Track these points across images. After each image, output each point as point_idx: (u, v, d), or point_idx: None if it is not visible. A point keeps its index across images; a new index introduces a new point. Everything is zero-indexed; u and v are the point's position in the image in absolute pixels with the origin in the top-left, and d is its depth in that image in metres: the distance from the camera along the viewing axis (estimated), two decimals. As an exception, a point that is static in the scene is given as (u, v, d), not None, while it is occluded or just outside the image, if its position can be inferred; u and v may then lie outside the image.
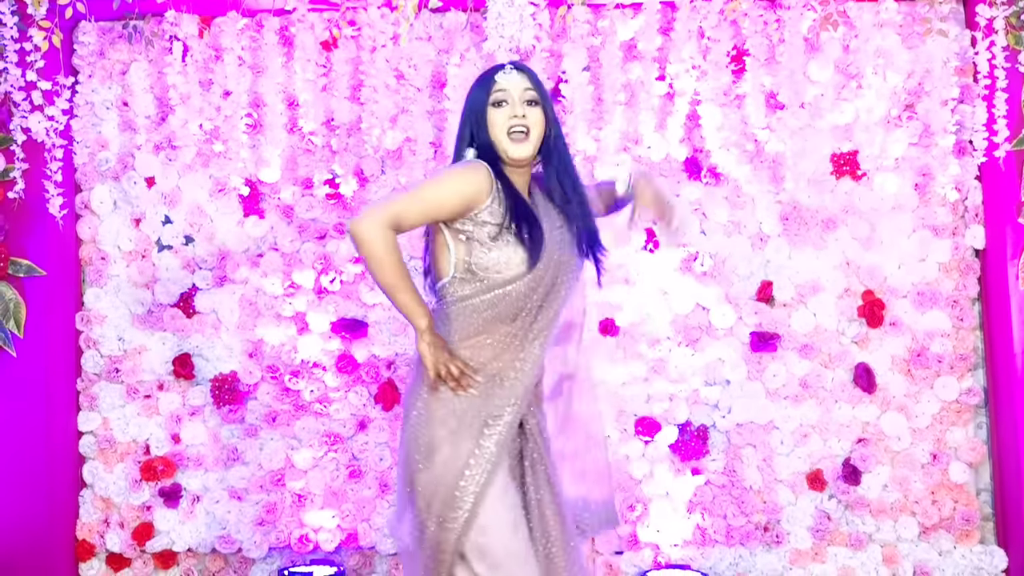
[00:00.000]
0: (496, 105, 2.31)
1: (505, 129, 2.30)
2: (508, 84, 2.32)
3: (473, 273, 2.29)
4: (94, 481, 3.96)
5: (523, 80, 2.32)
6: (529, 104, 2.32)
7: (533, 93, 2.32)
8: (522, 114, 2.30)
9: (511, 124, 2.29)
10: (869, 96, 3.78)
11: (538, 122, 2.33)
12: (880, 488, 3.88)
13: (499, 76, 2.32)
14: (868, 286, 3.88)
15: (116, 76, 3.94)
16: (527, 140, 2.31)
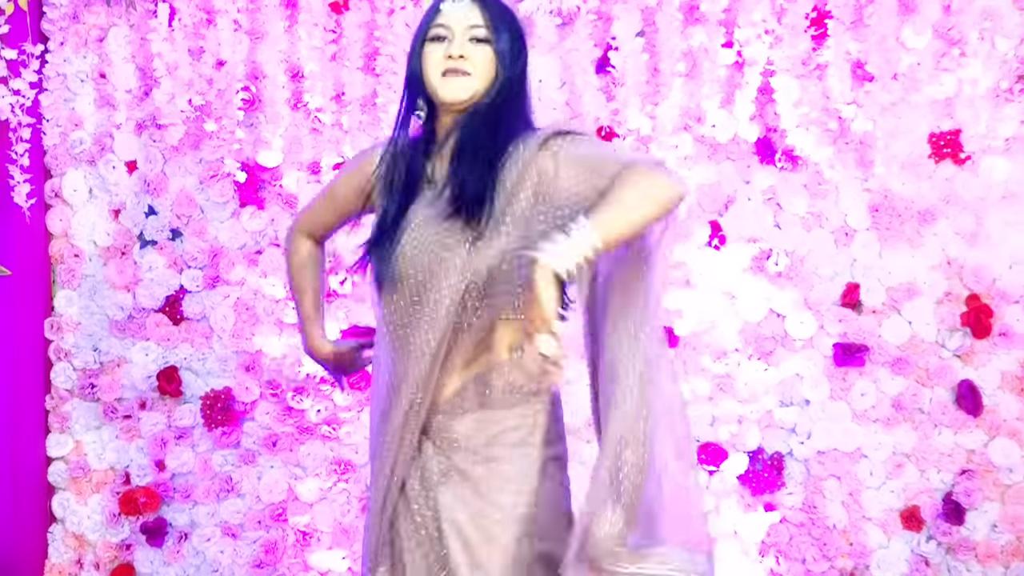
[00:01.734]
0: (433, 40, 2.05)
1: (440, 68, 2.03)
2: (452, 16, 2.05)
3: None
4: (65, 515, 3.79)
5: (473, 11, 2.04)
6: (475, 41, 2.04)
7: (483, 30, 2.04)
8: (459, 53, 2.01)
9: (446, 65, 2.03)
10: (974, 65, 3.53)
11: (484, 62, 2.03)
12: (988, 528, 3.62)
13: (444, 5, 2.06)
14: (973, 289, 3.62)
15: (92, 44, 3.74)
16: (465, 79, 2.02)
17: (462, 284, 1.96)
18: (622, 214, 1.84)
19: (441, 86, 2.02)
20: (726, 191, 3.62)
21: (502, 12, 2.08)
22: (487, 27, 2.04)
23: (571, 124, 2.04)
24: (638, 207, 1.84)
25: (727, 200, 3.62)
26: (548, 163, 1.96)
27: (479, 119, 2.02)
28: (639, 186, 1.86)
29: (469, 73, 2.01)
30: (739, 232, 3.62)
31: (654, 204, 1.85)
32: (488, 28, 2.04)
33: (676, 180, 1.90)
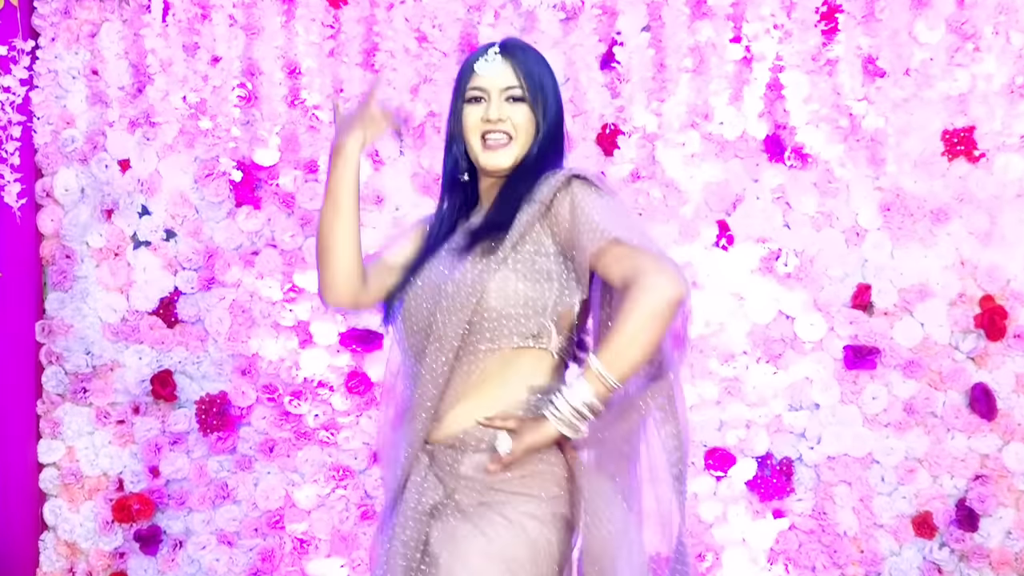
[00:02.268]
0: (471, 101, 2.05)
1: (479, 132, 2.04)
2: (486, 77, 2.04)
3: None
4: (57, 523, 3.77)
5: (506, 71, 2.03)
6: (511, 101, 2.03)
7: (518, 90, 2.03)
8: (497, 116, 2.01)
9: (485, 128, 2.03)
10: (988, 60, 3.52)
11: (522, 122, 2.03)
12: (1003, 535, 3.60)
13: (478, 66, 2.06)
14: (987, 290, 3.59)
15: (84, 39, 3.74)
16: (506, 148, 2.03)
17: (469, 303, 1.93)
18: (630, 344, 1.81)
19: (483, 155, 2.02)
20: (734, 190, 3.59)
21: (535, 66, 2.06)
22: (522, 86, 2.03)
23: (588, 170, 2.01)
24: (644, 330, 1.81)
25: (735, 199, 3.60)
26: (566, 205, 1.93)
27: (521, 173, 2.02)
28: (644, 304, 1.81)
29: (510, 136, 2.01)
30: (747, 232, 3.59)
31: (660, 321, 1.81)
32: (523, 88, 2.03)
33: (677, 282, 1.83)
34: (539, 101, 2.03)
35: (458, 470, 1.97)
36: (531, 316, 1.95)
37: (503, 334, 1.95)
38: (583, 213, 1.91)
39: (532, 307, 1.95)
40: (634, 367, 1.85)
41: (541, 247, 1.96)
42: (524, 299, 1.94)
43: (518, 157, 2.03)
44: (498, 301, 1.94)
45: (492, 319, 1.95)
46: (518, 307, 1.95)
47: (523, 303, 1.94)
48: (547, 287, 1.96)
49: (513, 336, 1.95)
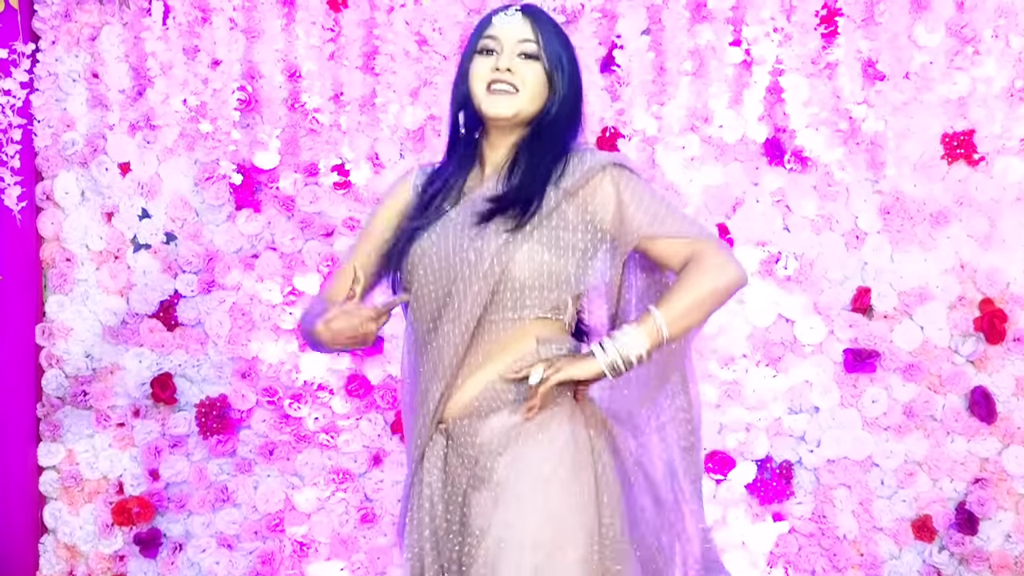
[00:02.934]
0: (483, 53, 2.03)
1: (485, 81, 2.01)
2: (503, 29, 2.03)
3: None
4: (57, 526, 3.75)
5: (524, 27, 2.03)
6: (524, 57, 2.01)
7: (533, 45, 2.02)
8: (507, 66, 1.99)
9: (492, 76, 2.01)
10: (988, 64, 3.50)
11: (533, 79, 2.01)
12: (1002, 538, 3.59)
13: (496, 18, 2.05)
14: (987, 293, 3.57)
15: (84, 42, 3.73)
16: (511, 96, 2.00)
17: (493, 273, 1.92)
18: (692, 309, 1.89)
19: (485, 100, 2.00)
20: (734, 193, 3.58)
21: (555, 30, 2.05)
22: (538, 43, 2.01)
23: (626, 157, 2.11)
24: (707, 301, 1.90)
25: (735, 202, 3.59)
26: (609, 187, 1.96)
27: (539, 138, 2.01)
28: (711, 278, 1.90)
29: (517, 89, 1.99)
30: (747, 235, 3.58)
31: (721, 297, 1.91)
32: (539, 44, 2.01)
33: (740, 270, 1.93)
34: (555, 64, 2.02)
35: (475, 441, 1.96)
36: (554, 288, 1.95)
37: (526, 304, 1.95)
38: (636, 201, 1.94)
39: (555, 279, 1.95)
40: (687, 331, 1.92)
41: (567, 222, 1.96)
42: (549, 271, 1.95)
43: (522, 111, 2.00)
44: (524, 272, 1.93)
45: (516, 290, 1.94)
46: (543, 279, 1.95)
47: (548, 275, 1.95)
48: (571, 261, 1.96)
49: (536, 307, 1.96)
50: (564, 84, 2.03)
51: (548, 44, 2.02)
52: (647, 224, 1.94)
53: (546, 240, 1.95)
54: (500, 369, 1.96)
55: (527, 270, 1.94)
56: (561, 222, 1.96)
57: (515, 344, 1.97)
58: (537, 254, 1.94)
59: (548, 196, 1.95)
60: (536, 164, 1.98)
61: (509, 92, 1.99)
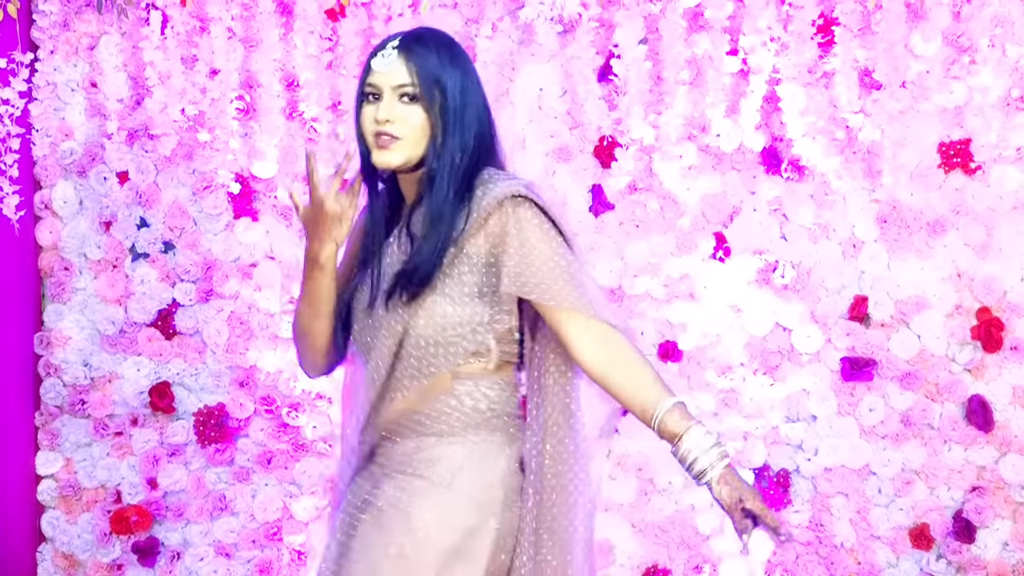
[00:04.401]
0: (368, 99, 1.95)
1: (371, 133, 1.94)
2: (380, 75, 1.93)
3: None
4: (55, 534, 3.74)
5: (400, 69, 1.91)
6: (405, 100, 1.92)
7: (410, 88, 1.91)
8: (385, 117, 1.90)
9: (375, 129, 1.93)
10: (985, 73, 3.49)
11: (415, 123, 1.92)
12: (999, 547, 3.56)
13: (375, 62, 1.94)
14: (984, 302, 3.56)
15: (83, 52, 3.72)
16: (393, 146, 1.91)
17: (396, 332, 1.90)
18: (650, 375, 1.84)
19: (374, 155, 1.93)
20: (731, 202, 3.58)
21: (435, 64, 1.94)
22: (414, 84, 1.92)
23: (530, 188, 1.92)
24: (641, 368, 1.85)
25: (732, 211, 3.58)
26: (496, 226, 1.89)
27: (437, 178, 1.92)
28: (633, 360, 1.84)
29: (399, 137, 1.91)
30: (744, 244, 3.58)
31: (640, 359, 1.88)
32: (416, 86, 1.91)
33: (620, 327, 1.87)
34: (436, 99, 1.92)
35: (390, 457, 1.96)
36: (463, 339, 1.90)
37: (434, 362, 1.92)
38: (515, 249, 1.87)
39: (463, 330, 1.91)
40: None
41: (471, 264, 1.91)
42: (454, 323, 1.90)
43: (410, 157, 1.93)
44: (428, 329, 1.90)
45: (422, 347, 1.91)
46: (447, 333, 1.90)
47: (452, 328, 1.90)
48: (479, 305, 1.91)
49: (446, 363, 1.92)
50: (452, 117, 1.93)
51: (426, 82, 1.92)
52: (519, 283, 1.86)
53: (450, 290, 1.90)
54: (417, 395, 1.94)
55: (430, 326, 1.90)
56: (465, 267, 1.91)
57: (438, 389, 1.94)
58: (440, 307, 1.89)
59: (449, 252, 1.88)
60: (436, 216, 1.90)
61: (391, 143, 1.92)
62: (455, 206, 1.88)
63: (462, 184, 1.90)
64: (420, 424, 1.94)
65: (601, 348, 1.84)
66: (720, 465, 1.76)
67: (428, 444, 1.93)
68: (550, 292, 1.85)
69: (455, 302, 1.89)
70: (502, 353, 1.95)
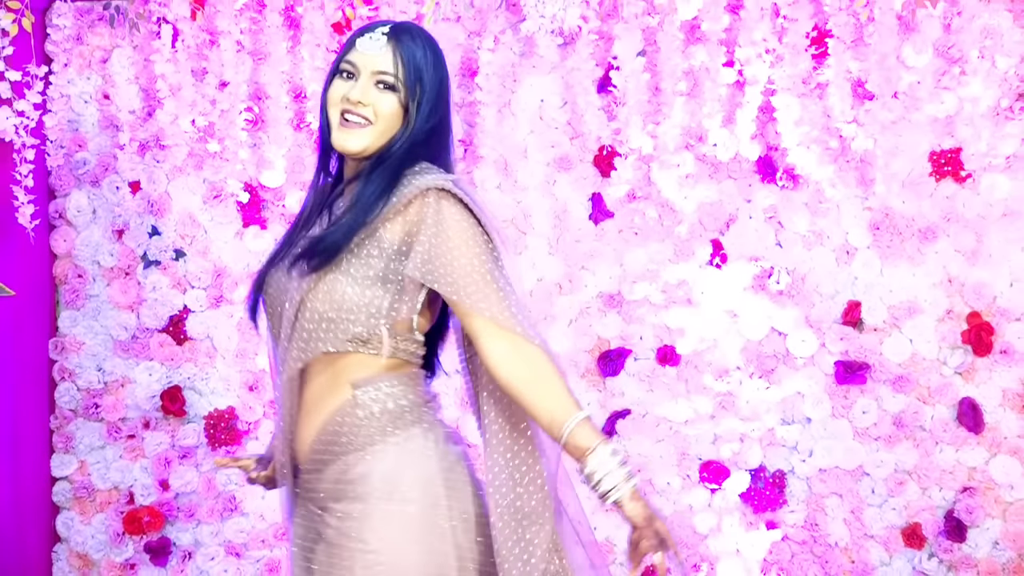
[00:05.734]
0: (342, 75, 1.88)
1: (339, 109, 1.87)
2: (364, 55, 1.86)
3: None
4: (69, 534, 3.76)
5: (385, 55, 1.85)
6: (382, 87, 1.85)
7: (391, 77, 1.85)
8: (358, 99, 1.84)
9: (344, 106, 1.86)
10: (974, 84, 3.50)
11: (387, 112, 1.85)
12: (990, 545, 3.57)
13: (360, 41, 1.87)
14: (974, 307, 3.57)
15: (96, 65, 3.75)
16: (362, 130, 1.85)
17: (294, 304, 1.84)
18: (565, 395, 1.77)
19: (336, 132, 1.88)
20: (727, 210, 3.59)
21: (420, 59, 1.89)
22: (396, 76, 1.86)
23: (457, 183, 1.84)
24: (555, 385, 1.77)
25: (728, 219, 3.60)
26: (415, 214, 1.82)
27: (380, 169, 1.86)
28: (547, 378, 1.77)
29: (369, 121, 1.86)
30: (740, 251, 3.59)
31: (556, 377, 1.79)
32: (397, 78, 1.86)
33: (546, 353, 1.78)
34: (415, 95, 1.87)
35: (318, 491, 1.89)
36: (356, 320, 1.82)
37: (324, 337, 1.83)
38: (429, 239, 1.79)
39: (358, 311, 1.82)
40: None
41: (381, 250, 1.83)
42: (352, 303, 1.82)
43: (371, 146, 1.87)
44: (324, 304, 1.82)
45: (316, 321, 1.83)
46: (342, 311, 1.82)
47: (348, 307, 1.82)
48: (380, 292, 1.83)
49: (336, 340, 1.83)
50: (420, 116, 1.88)
51: (409, 74, 1.87)
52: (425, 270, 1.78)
53: (354, 271, 1.82)
54: (324, 417, 1.86)
55: (327, 302, 1.82)
56: (375, 249, 1.83)
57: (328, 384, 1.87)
58: (340, 285, 1.82)
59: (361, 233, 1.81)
60: (363, 201, 1.84)
61: (360, 125, 1.86)
62: (381, 190, 1.82)
63: (395, 176, 1.83)
64: (336, 445, 1.85)
65: (519, 362, 1.77)
66: (628, 485, 1.70)
67: (353, 462, 1.85)
68: (464, 291, 1.78)
69: (356, 282, 1.82)
70: (396, 348, 1.86)
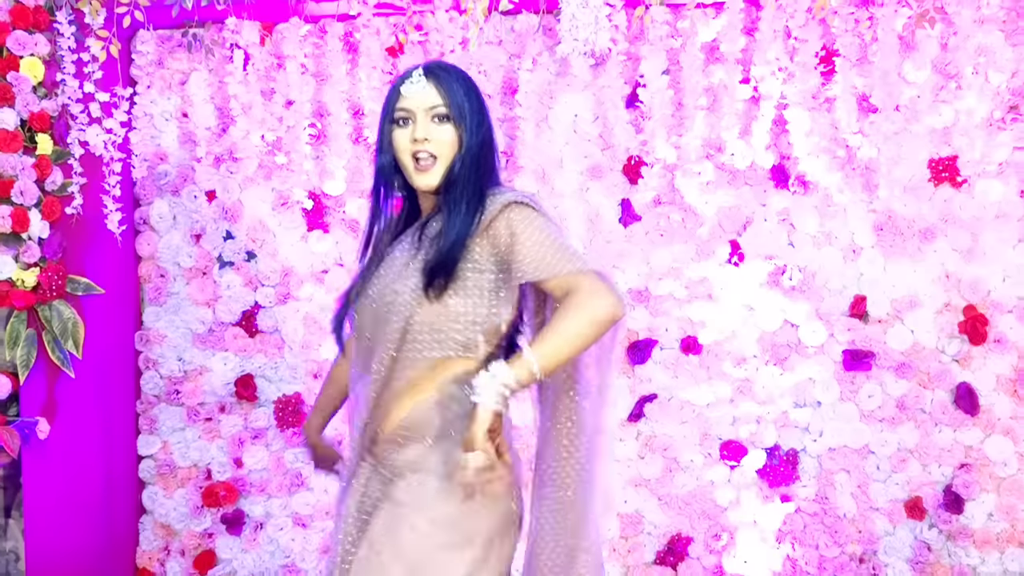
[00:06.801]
0: (399, 123, 2.00)
1: (409, 153, 1.99)
2: (412, 99, 1.99)
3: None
4: (154, 507, 3.90)
5: (430, 91, 1.98)
6: (437, 120, 1.98)
7: (442, 108, 1.97)
8: (423, 136, 1.96)
9: (413, 148, 1.98)
10: (969, 97, 3.57)
11: (448, 140, 1.98)
12: (985, 517, 3.68)
13: (404, 88, 1.99)
14: (970, 300, 3.67)
15: (175, 86, 3.85)
16: (434, 167, 1.98)
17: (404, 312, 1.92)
18: (562, 345, 1.82)
19: (415, 176, 1.99)
20: (745, 213, 3.69)
21: (459, 85, 2.00)
22: (446, 104, 1.97)
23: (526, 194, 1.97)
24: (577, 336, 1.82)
25: (745, 221, 3.70)
26: (504, 227, 1.90)
27: (454, 191, 1.96)
28: (581, 313, 1.81)
29: (436, 156, 1.97)
30: (756, 250, 3.69)
31: (592, 330, 1.82)
32: (447, 105, 1.97)
33: (615, 301, 1.83)
34: (463, 118, 1.96)
35: (394, 465, 1.99)
36: (461, 329, 1.93)
37: (433, 345, 1.93)
38: (523, 242, 1.88)
39: (463, 321, 1.93)
40: (559, 365, 1.85)
41: (477, 264, 1.92)
42: (456, 314, 1.92)
43: (443, 177, 1.97)
44: (431, 314, 1.92)
45: (424, 331, 1.93)
46: (449, 321, 1.93)
47: (454, 316, 1.92)
48: (479, 302, 1.93)
49: (443, 347, 1.94)
50: (471, 134, 1.97)
51: (453, 101, 1.97)
52: (532, 267, 1.86)
53: (456, 284, 1.91)
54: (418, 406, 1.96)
55: (433, 312, 1.91)
56: (468, 263, 1.92)
57: (428, 379, 1.95)
58: (445, 299, 1.91)
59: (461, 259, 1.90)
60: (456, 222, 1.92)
61: (431, 164, 1.96)
62: (469, 211, 1.93)
63: (475, 195, 1.95)
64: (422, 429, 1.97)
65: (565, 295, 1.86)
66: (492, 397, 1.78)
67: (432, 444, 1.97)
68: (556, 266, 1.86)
69: (456, 295, 1.92)
70: (489, 350, 1.97)
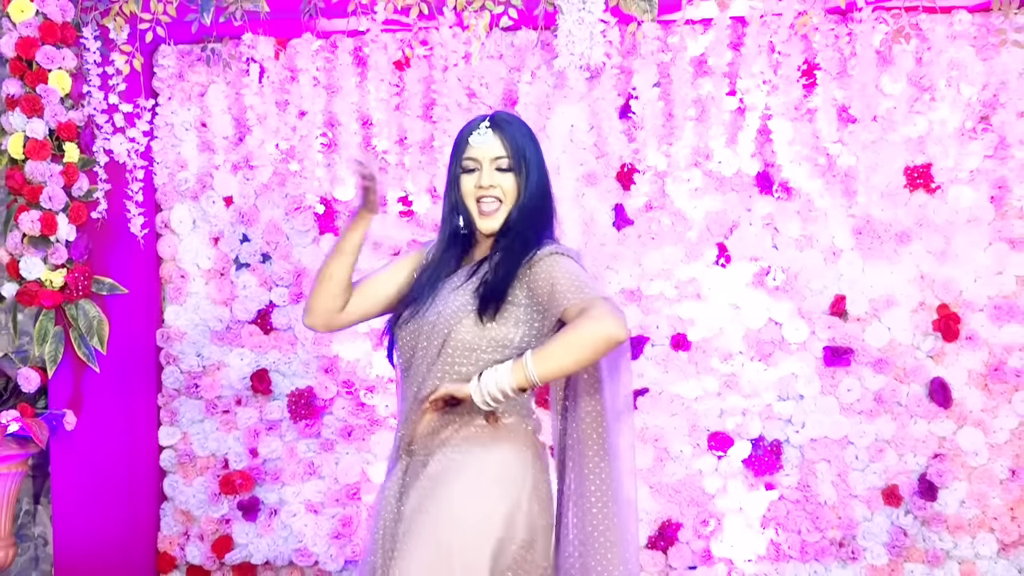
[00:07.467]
0: (466, 171, 2.15)
1: (474, 197, 2.14)
2: (479, 149, 2.13)
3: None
4: (174, 494, 4.00)
5: (495, 143, 2.12)
6: (500, 171, 2.13)
7: (505, 160, 2.12)
8: (488, 183, 2.11)
9: (479, 194, 2.13)
10: (943, 108, 3.68)
11: (510, 188, 2.13)
12: (957, 504, 3.79)
13: (472, 138, 2.15)
14: (943, 300, 3.79)
15: (195, 98, 3.96)
16: (497, 212, 2.14)
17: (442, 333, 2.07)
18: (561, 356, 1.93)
19: (479, 221, 2.14)
20: (731, 217, 3.79)
21: (521, 139, 2.14)
22: (509, 157, 2.12)
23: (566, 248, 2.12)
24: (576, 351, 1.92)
25: (732, 225, 3.80)
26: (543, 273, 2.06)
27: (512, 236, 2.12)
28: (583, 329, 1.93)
29: (501, 201, 2.12)
30: (742, 252, 3.79)
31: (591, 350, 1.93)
32: (510, 158, 2.12)
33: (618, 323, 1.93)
34: (522, 169, 2.11)
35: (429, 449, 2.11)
36: (495, 350, 2.07)
37: (465, 362, 2.07)
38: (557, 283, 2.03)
39: (496, 343, 2.07)
40: (557, 375, 1.98)
41: (515, 299, 2.08)
42: (491, 336, 2.07)
43: (505, 217, 2.13)
44: (470, 334, 2.07)
45: (460, 348, 2.07)
46: (484, 341, 2.08)
47: (489, 339, 2.07)
48: (512, 329, 2.07)
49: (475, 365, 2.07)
50: (530, 183, 2.12)
51: (516, 153, 2.11)
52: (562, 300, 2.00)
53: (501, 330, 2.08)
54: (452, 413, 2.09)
55: (472, 333, 2.05)
56: (511, 298, 2.08)
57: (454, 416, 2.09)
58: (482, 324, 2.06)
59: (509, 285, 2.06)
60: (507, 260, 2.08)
61: (495, 208, 2.12)
62: (518, 257, 2.10)
63: (527, 243, 2.11)
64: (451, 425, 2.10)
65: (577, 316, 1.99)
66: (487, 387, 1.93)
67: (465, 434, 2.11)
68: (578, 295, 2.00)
69: (496, 321, 2.08)
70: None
